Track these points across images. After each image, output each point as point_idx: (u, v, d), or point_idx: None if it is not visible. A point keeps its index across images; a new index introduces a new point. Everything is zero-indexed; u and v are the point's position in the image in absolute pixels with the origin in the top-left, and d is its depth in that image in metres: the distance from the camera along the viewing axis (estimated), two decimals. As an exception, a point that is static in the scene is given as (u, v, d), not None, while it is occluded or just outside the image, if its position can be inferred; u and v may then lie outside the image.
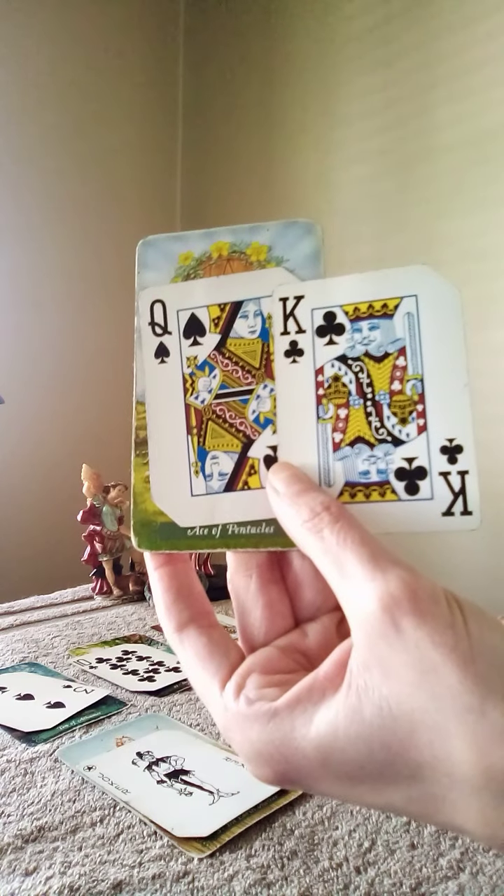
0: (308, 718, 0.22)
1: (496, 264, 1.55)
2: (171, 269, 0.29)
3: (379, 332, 0.28)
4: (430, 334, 0.27)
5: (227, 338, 0.29)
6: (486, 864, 0.42)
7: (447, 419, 0.27)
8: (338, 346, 0.28)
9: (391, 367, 0.27)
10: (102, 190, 2.04)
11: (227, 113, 2.12)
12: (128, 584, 1.06)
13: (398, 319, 0.28)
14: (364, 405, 0.28)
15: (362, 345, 0.28)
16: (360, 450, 0.27)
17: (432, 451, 0.27)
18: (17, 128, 1.85)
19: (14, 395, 1.75)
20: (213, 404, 0.29)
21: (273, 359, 0.28)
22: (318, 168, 1.89)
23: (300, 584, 0.28)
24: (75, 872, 0.41)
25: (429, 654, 0.21)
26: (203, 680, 0.26)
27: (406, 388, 0.27)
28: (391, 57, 1.71)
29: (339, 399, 0.28)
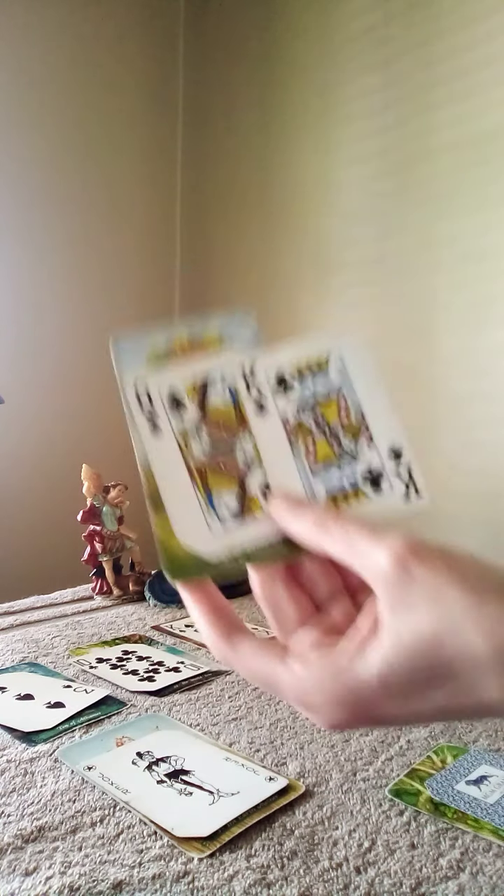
0: (364, 661, 0.29)
1: (496, 265, 1.55)
2: (143, 360, 0.36)
3: (320, 381, 0.37)
4: (356, 376, 0.37)
5: (205, 407, 0.35)
6: (486, 864, 0.42)
7: (386, 432, 0.37)
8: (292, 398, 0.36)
9: (336, 405, 0.37)
10: (102, 190, 2.04)
11: (226, 113, 2.12)
12: (128, 584, 1.06)
13: (331, 371, 0.37)
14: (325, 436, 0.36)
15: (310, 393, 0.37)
16: (331, 468, 0.36)
17: (382, 457, 0.36)
18: (18, 128, 1.85)
19: (14, 394, 1.75)
20: (208, 459, 0.35)
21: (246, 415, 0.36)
22: (318, 168, 1.89)
23: (313, 580, 0.35)
24: (75, 872, 0.41)
25: (434, 583, 0.29)
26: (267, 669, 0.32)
27: (351, 418, 0.37)
28: (391, 57, 1.71)
29: (305, 435, 0.36)
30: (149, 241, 2.18)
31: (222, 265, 2.15)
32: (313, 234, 1.90)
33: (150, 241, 2.18)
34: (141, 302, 2.16)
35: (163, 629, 0.89)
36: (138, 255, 2.15)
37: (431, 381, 1.67)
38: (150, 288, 2.19)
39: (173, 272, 2.25)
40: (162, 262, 2.22)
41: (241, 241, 2.10)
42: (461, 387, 1.61)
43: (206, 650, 0.81)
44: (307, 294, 1.93)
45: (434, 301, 1.66)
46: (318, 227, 1.90)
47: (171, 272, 2.24)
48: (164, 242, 2.22)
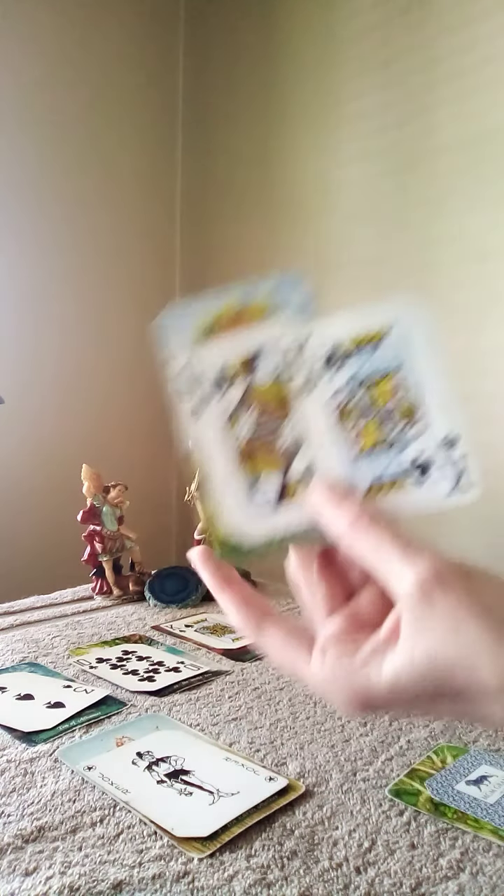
0: (378, 668, 0.31)
1: (496, 264, 1.55)
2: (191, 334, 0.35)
3: (375, 357, 0.34)
4: (416, 352, 0.34)
5: (251, 384, 0.34)
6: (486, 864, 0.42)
7: (443, 418, 0.34)
8: (343, 374, 0.34)
9: (390, 384, 0.34)
10: (103, 189, 2.04)
11: (226, 112, 2.12)
12: (128, 584, 1.06)
13: (389, 344, 0.34)
14: (374, 418, 0.34)
15: (363, 370, 0.34)
16: (378, 454, 0.34)
17: (435, 445, 0.34)
18: (18, 128, 1.85)
19: (14, 395, 1.75)
20: (253, 440, 0.34)
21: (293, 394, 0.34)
22: (318, 168, 1.89)
23: (348, 565, 0.35)
24: (75, 872, 0.41)
25: (455, 614, 0.29)
26: (292, 657, 0.33)
27: (405, 399, 0.34)
28: (391, 57, 1.71)
29: (353, 417, 0.34)
30: (149, 241, 2.18)
31: (222, 265, 2.15)
32: (313, 234, 1.90)
33: (150, 241, 2.18)
34: (141, 302, 2.16)
35: (163, 629, 0.89)
36: (138, 254, 2.15)
37: (431, 381, 1.67)
38: (150, 287, 2.19)
39: (173, 272, 2.25)
40: (162, 263, 2.22)
41: (241, 241, 2.10)
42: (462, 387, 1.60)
43: (206, 650, 0.81)
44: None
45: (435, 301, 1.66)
46: (318, 227, 1.90)
47: (171, 272, 2.24)
48: (164, 243, 2.22)
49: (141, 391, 2.18)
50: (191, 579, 1.03)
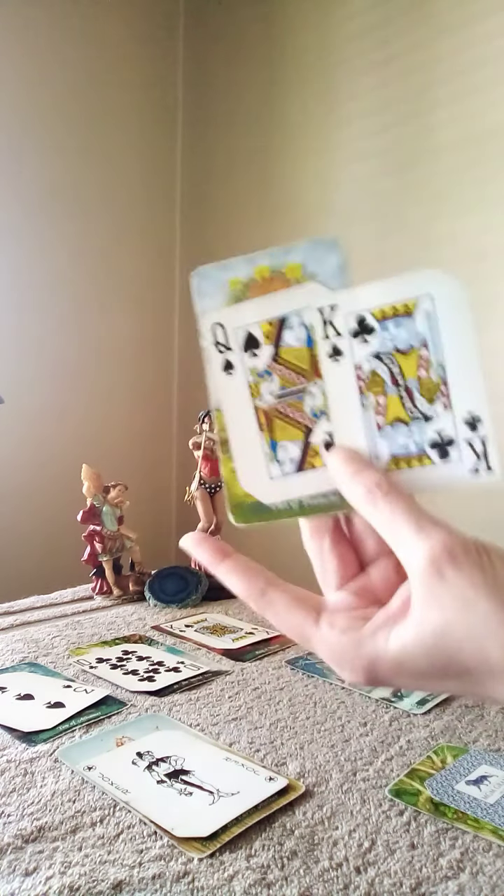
0: (385, 639, 0.31)
1: (496, 264, 1.55)
2: (224, 293, 0.35)
3: (403, 329, 0.33)
4: (446, 327, 0.33)
5: (279, 348, 0.34)
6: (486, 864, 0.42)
7: (466, 396, 0.33)
8: (371, 345, 0.34)
9: (417, 357, 0.34)
10: (103, 189, 2.04)
11: (226, 112, 2.12)
12: (128, 583, 1.06)
13: (418, 317, 0.33)
14: (398, 392, 0.34)
15: (391, 341, 0.34)
16: (399, 428, 0.34)
17: (457, 423, 0.33)
18: (18, 129, 1.85)
19: (14, 395, 1.75)
20: (276, 404, 0.34)
21: (319, 361, 0.34)
22: (318, 167, 1.89)
23: (362, 537, 0.35)
24: (75, 872, 0.41)
25: (466, 592, 0.29)
26: (298, 623, 0.33)
27: (431, 375, 0.34)
28: (390, 57, 1.71)
29: (377, 388, 0.34)
30: (149, 241, 2.18)
31: (222, 265, 2.15)
32: (313, 233, 1.90)
33: (150, 241, 2.18)
34: (141, 301, 2.16)
35: (163, 629, 0.89)
36: (138, 254, 2.15)
37: (431, 380, 1.67)
38: (150, 287, 2.19)
39: (173, 272, 2.25)
40: (162, 263, 2.22)
41: (241, 241, 2.10)
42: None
43: (206, 650, 0.81)
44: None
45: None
46: (317, 226, 1.90)
47: (170, 272, 2.24)
48: (164, 242, 2.22)
49: (141, 391, 2.18)
50: (191, 579, 1.03)
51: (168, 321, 2.24)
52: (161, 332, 2.22)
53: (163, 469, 2.19)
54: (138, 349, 2.16)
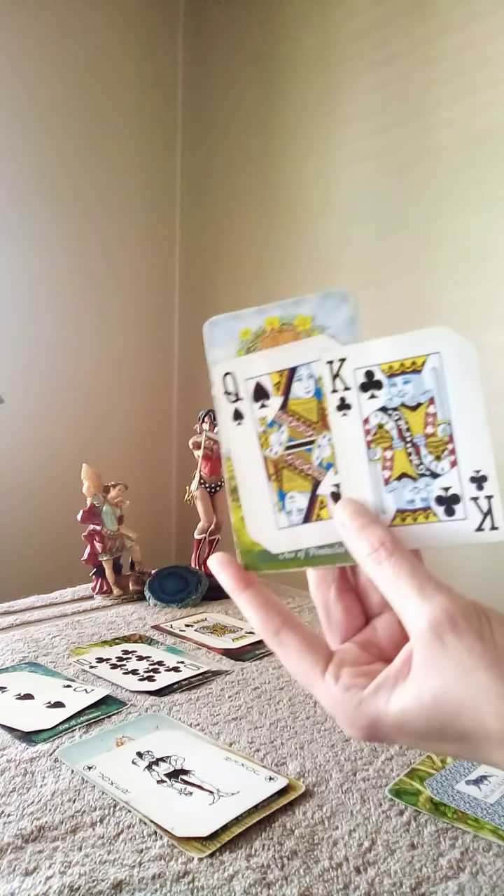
0: (387, 700, 0.31)
1: (496, 264, 1.55)
2: (234, 343, 0.35)
3: (411, 385, 0.34)
4: (453, 385, 0.34)
5: (288, 399, 0.35)
6: (486, 864, 0.42)
7: (473, 454, 0.34)
8: (379, 399, 0.34)
9: (424, 414, 0.34)
10: (103, 190, 2.04)
11: (226, 112, 2.12)
12: (128, 583, 1.06)
13: (426, 374, 0.34)
14: (405, 447, 0.34)
15: (398, 397, 0.34)
16: (406, 483, 0.34)
17: (463, 481, 0.34)
18: (18, 129, 1.85)
19: (14, 395, 1.75)
20: (285, 454, 0.35)
21: (327, 413, 0.34)
22: (318, 167, 1.89)
23: (367, 589, 0.36)
24: (75, 872, 0.41)
25: (465, 660, 0.30)
26: (306, 670, 0.34)
27: (438, 431, 0.34)
28: (390, 56, 1.71)
29: (384, 443, 0.34)
30: (149, 241, 2.18)
31: (222, 265, 2.15)
32: (312, 233, 1.90)
33: (149, 241, 2.18)
34: (141, 302, 2.16)
35: (163, 629, 0.89)
36: (138, 254, 2.15)
37: (431, 380, 1.67)
38: (149, 287, 2.19)
39: (173, 272, 2.25)
40: (161, 263, 2.22)
41: (240, 241, 2.10)
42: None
43: (206, 650, 0.81)
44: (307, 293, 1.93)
45: (434, 300, 1.66)
46: (317, 226, 1.90)
47: (170, 272, 2.24)
48: (163, 243, 2.22)
49: (141, 391, 2.18)
50: (191, 579, 1.03)
51: (168, 321, 2.24)
52: (161, 333, 2.22)
53: (163, 469, 2.19)
54: (138, 349, 2.16)
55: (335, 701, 0.33)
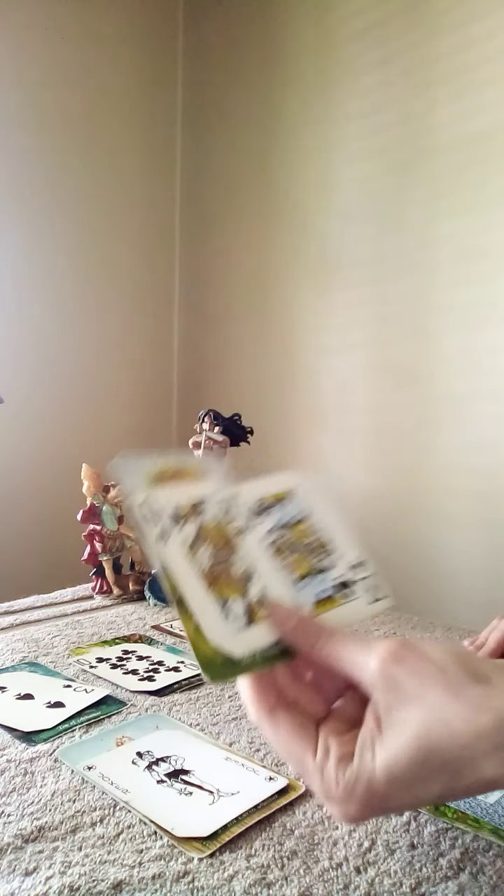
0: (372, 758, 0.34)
1: (495, 263, 1.55)
2: (143, 478, 0.42)
3: (286, 510, 0.45)
4: (315, 505, 0.46)
5: (201, 524, 0.41)
6: (486, 864, 0.42)
7: (347, 549, 0.45)
8: (268, 522, 0.44)
9: (302, 528, 0.45)
10: (103, 190, 2.04)
11: (226, 112, 2.12)
12: (128, 583, 1.06)
13: (296, 500, 0.46)
14: (299, 553, 0.43)
15: (282, 518, 0.44)
16: (309, 580, 0.42)
17: (348, 568, 0.44)
18: (18, 129, 1.85)
19: (14, 395, 1.75)
20: (213, 568, 0.40)
21: (233, 536, 0.42)
22: (317, 167, 1.89)
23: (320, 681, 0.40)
24: (75, 872, 0.41)
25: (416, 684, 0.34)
26: (298, 753, 0.37)
27: (318, 537, 0.44)
28: (390, 56, 1.71)
29: (283, 553, 0.43)
30: (148, 240, 2.18)
31: (221, 264, 2.15)
32: (312, 233, 1.90)
33: (149, 241, 2.18)
34: (140, 302, 2.16)
35: (163, 629, 0.89)
36: (138, 254, 2.15)
37: (431, 380, 1.67)
38: (149, 287, 2.18)
39: (172, 272, 2.25)
40: (161, 262, 2.22)
41: (240, 241, 2.10)
42: (461, 386, 1.61)
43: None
44: (306, 293, 1.93)
45: (433, 300, 1.66)
46: (316, 226, 1.90)
47: (170, 272, 2.24)
48: (163, 243, 2.22)
49: (141, 391, 2.18)
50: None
51: (168, 321, 2.24)
52: (161, 332, 2.22)
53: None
54: (138, 349, 2.16)
55: (327, 782, 0.35)
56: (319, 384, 1.92)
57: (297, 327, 1.95)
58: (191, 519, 0.41)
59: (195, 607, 0.38)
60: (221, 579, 0.39)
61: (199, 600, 0.38)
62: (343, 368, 1.86)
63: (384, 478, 1.77)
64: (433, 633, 0.89)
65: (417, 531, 1.68)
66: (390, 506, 1.74)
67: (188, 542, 0.40)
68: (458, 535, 1.60)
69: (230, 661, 0.37)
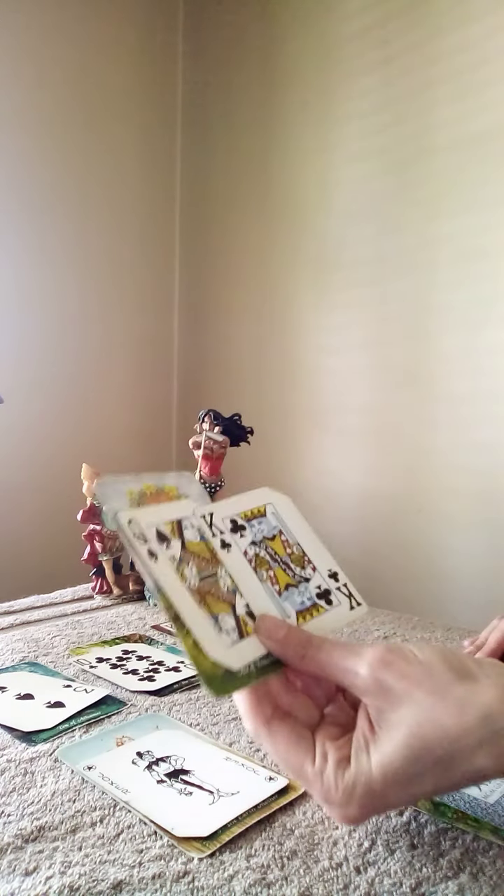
0: (368, 760, 0.36)
1: (495, 263, 1.55)
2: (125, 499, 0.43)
3: (264, 524, 0.47)
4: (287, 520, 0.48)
5: (184, 542, 0.42)
6: (486, 864, 0.42)
7: (322, 560, 0.48)
8: (247, 537, 0.45)
9: (281, 541, 0.47)
10: (103, 190, 2.04)
11: (226, 112, 2.12)
12: (128, 583, 1.06)
13: (269, 517, 0.48)
14: (279, 565, 0.45)
15: (260, 533, 0.46)
16: (291, 591, 0.44)
17: (325, 579, 0.46)
18: (18, 129, 1.85)
19: (14, 395, 1.75)
20: (201, 585, 0.41)
21: (215, 551, 0.43)
22: (317, 167, 1.89)
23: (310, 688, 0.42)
24: (75, 872, 0.41)
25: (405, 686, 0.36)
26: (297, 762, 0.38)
27: (294, 550, 0.47)
28: (390, 56, 1.71)
29: (264, 566, 0.45)
30: (148, 241, 2.18)
31: (221, 264, 2.15)
32: (312, 233, 1.90)
33: (149, 241, 2.18)
34: (141, 301, 2.16)
35: (163, 629, 0.89)
36: (138, 255, 2.15)
37: (431, 380, 1.67)
38: (149, 288, 2.18)
39: (173, 272, 2.25)
40: (161, 262, 2.22)
41: (240, 241, 2.10)
42: (461, 386, 1.61)
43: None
44: (306, 293, 1.93)
45: (433, 300, 1.66)
46: (316, 226, 1.90)
47: (170, 272, 2.24)
48: (163, 242, 2.22)
49: (141, 391, 2.18)
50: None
51: (168, 321, 2.24)
52: (161, 332, 2.22)
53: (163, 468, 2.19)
54: (138, 349, 2.16)
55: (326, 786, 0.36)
56: (319, 384, 1.92)
57: (297, 327, 1.95)
58: (174, 538, 0.42)
59: (191, 623, 0.38)
60: (210, 596, 0.40)
61: (194, 615, 0.39)
62: (343, 368, 1.86)
63: (384, 478, 1.77)
64: (433, 633, 0.89)
65: (417, 531, 1.68)
66: (390, 506, 1.74)
67: (175, 561, 0.41)
68: (458, 535, 1.60)
69: (230, 674, 0.38)
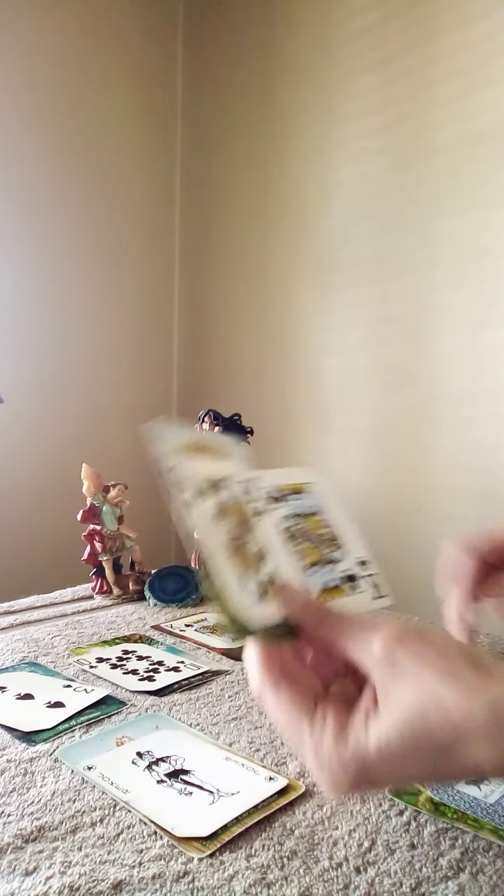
0: (365, 734, 0.35)
1: (495, 263, 1.55)
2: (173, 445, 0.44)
3: (301, 501, 0.47)
4: (327, 502, 0.48)
5: (221, 501, 0.43)
6: (486, 864, 0.42)
7: (354, 547, 0.47)
8: (283, 510, 0.45)
9: (316, 520, 0.47)
10: (103, 191, 2.04)
11: (226, 112, 2.12)
12: (128, 583, 1.06)
13: (310, 494, 0.48)
14: (310, 543, 0.45)
15: (296, 507, 0.46)
16: (317, 569, 0.44)
17: (354, 564, 0.46)
18: (18, 129, 1.85)
19: (14, 395, 1.75)
20: (231, 542, 0.41)
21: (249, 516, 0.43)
22: (317, 167, 1.89)
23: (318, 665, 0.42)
24: (75, 872, 0.41)
25: (416, 667, 0.35)
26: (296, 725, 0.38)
27: (328, 532, 0.47)
28: (390, 56, 1.71)
29: (295, 539, 0.44)
30: (148, 241, 2.18)
31: (221, 265, 2.15)
32: (312, 233, 1.90)
33: (149, 241, 2.18)
34: (141, 301, 2.16)
35: (163, 629, 0.89)
36: (138, 254, 2.15)
37: (431, 380, 1.67)
38: (149, 288, 2.18)
39: (172, 272, 2.25)
40: (161, 262, 2.22)
41: (240, 241, 2.10)
42: (461, 386, 1.61)
43: (207, 649, 0.81)
44: (307, 293, 1.93)
45: (433, 300, 1.66)
46: (316, 226, 1.90)
47: (170, 272, 2.24)
48: (163, 242, 2.22)
49: (141, 391, 2.18)
50: (190, 578, 1.03)
51: (168, 321, 2.24)
52: (161, 333, 2.22)
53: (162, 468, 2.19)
54: (138, 349, 2.16)
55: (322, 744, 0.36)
56: (319, 384, 1.92)
57: (297, 327, 1.95)
58: (213, 495, 0.42)
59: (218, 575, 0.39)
60: (240, 553, 0.41)
61: (222, 569, 0.39)
62: (343, 368, 1.86)
63: (384, 477, 1.77)
64: (433, 632, 0.89)
65: (417, 531, 1.68)
66: (390, 505, 1.74)
67: (210, 513, 0.41)
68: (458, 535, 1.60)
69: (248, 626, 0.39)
